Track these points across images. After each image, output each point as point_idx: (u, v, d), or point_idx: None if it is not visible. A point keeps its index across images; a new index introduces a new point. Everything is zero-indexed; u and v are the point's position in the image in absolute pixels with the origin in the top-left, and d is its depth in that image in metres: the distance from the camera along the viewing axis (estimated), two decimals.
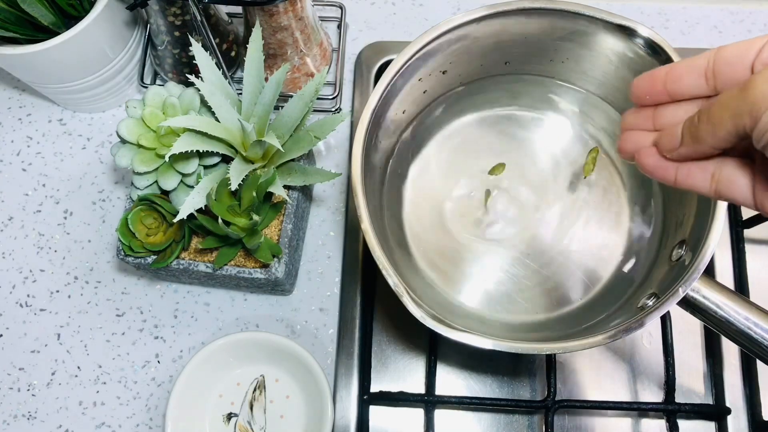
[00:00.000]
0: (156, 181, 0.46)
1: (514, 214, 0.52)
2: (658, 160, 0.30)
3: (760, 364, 0.50)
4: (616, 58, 0.47)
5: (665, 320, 0.50)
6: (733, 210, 0.55)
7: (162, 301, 0.54)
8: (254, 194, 0.45)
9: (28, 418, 0.51)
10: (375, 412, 0.50)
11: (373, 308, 0.52)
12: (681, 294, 0.39)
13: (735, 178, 0.28)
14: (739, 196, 0.28)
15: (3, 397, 0.51)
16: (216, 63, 0.48)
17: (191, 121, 0.43)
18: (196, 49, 0.45)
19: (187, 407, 0.48)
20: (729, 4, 0.63)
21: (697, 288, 0.39)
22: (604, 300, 0.49)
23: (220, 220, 0.42)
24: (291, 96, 0.47)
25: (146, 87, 0.59)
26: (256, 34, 0.46)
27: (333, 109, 0.58)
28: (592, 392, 0.50)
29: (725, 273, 0.53)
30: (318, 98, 0.49)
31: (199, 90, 0.45)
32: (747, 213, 0.54)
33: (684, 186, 0.30)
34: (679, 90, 0.29)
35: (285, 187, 0.48)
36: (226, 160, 0.47)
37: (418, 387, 0.50)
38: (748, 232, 0.54)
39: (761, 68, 0.26)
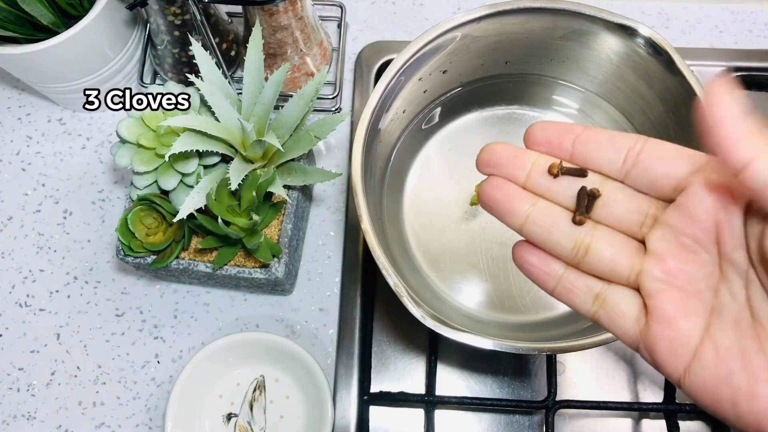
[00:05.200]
0: (156, 181, 0.45)
1: None
2: (541, 263, 0.27)
3: None
4: (616, 57, 0.47)
5: None
6: None
7: (162, 301, 0.54)
8: (254, 194, 0.45)
9: (28, 419, 0.51)
10: (375, 412, 0.50)
11: (373, 308, 0.52)
12: None
13: (622, 308, 0.25)
14: (621, 327, 0.25)
15: (2, 397, 0.51)
16: (216, 62, 0.47)
17: (191, 121, 0.43)
18: (196, 48, 0.45)
19: (187, 407, 0.47)
20: (730, 4, 0.63)
21: None
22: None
23: (219, 220, 0.42)
24: (291, 96, 0.47)
25: (146, 86, 0.58)
26: (256, 33, 0.46)
27: (333, 109, 0.58)
28: (593, 392, 0.50)
29: None
30: (318, 98, 0.49)
31: (199, 90, 0.45)
32: None
33: (560, 300, 0.27)
34: (588, 156, 0.26)
35: (285, 186, 0.48)
36: (226, 159, 0.47)
37: (418, 387, 0.50)
38: None
39: (701, 191, 0.23)
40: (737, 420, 0.22)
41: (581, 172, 0.26)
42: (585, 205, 0.26)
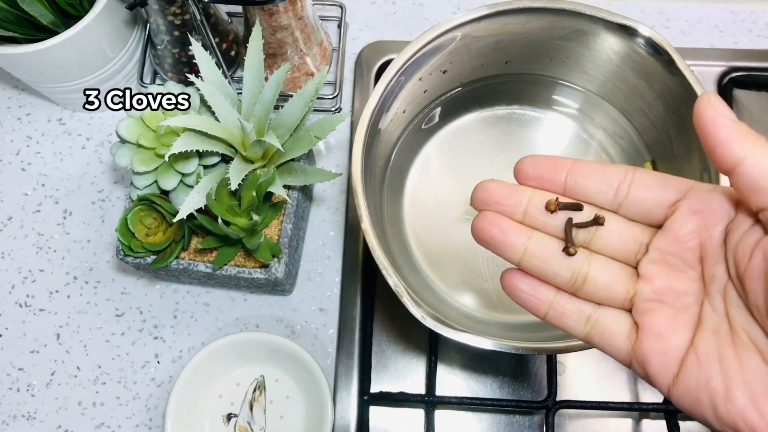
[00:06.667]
0: (156, 181, 0.45)
1: None
2: (532, 290, 0.28)
3: None
4: (616, 57, 0.47)
5: None
6: None
7: (162, 301, 0.54)
8: (254, 194, 0.45)
9: (28, 419, 0.51)
10: (375, 412, 0.50)
11: (373, 308, 0.52)
12: None
13: (613, 326, 0.26)
14: (613, 345, 0.26)
15: (2, 398, 0.51)
16: (216, 62, 0.47)
17: (191, 121, 0.43)
18: (196, 48, 0.45)
19: (186, 407, 0.47)
20: (730, 4, 0.63)
21: None
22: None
23: (219, 220, 0.42)
24: (291, 95, 0.47)
25: (146, 86, 0.58)
26: (256, 33, 0.46)
27: (333, 109, 0.58)
28: (593, 392, 0.50)
29: None
30: (318, 98, 0.49)
31: (199, 89, 0.45)
32: None
33: (554, 324, 0.28)
34: (582, 190, 0.27)
35: (285, 186, 0.48)
36: (226, 159, 0.47)
37: (418, 387, 0.50)
38: None
39: (686, 214, 0.25)
40: (717, 422, 0.24)
41: (577, 206, 0.27)
42: (571, 236, 0.27)
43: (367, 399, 0.49)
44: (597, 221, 0.26)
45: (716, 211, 0.25)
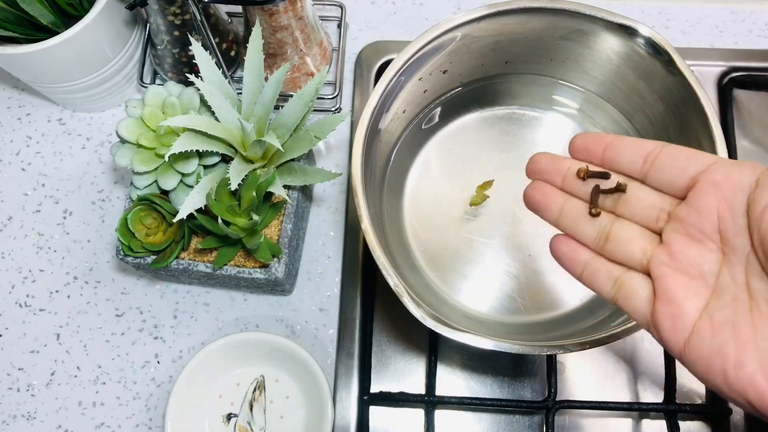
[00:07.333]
0: (156, 181, 0.45)
1: (514, 214, 0.52)
2: (571, 252, 0.31)
3: None
4: (616, 57, 0.47)
5: None
6: None
7: (162, 301, 0.54)
8: (254, 194, 0.45)
9: (28, 419, 0.51)
10: (375, 412, 0.50)
11: (373, 308, 0.52)
12: None
13: (637, 289, 0.28)
14: (635, 308, 0.29)
15: (2, 397, 0.51)
16: (216, 62, 0.47)
17: (191, 121, 0.43)
18: (196, 48, 0.45)
19: (186, 407, 0.47)
20: (730, 4, 0.63)
21: None
22: (605, 300, 0.49)
23: (219, 220, 0.42)
24: (291, 96, 0.47)
25: (146, 86, 0.58)
26: (256, 33, 0.46)
27: (333, 109, 0.58)
28: (593, 392, 0.50)
29: None
30: (318, 98, 0.49)
31: (199, 89, 0.45)
32: None
33: (586, 285, 0.31)
34: (615, 159, 0.30)
35: (285, 186, 0.48)
36: (226, 159, 0.47)
37: (418, 387, 0.50)
38: None
39: (707, 186, 0.26)
40: (727, 388, 0.25)
41: (604, 174, 0.30)
42: (596, 200, 0.30)
43: (367, 399, 0.49)
44: (619, 188, 0.30)
45: (737, 183, 0.26)
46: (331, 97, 0.58)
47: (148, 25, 0.57)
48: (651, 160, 0.29)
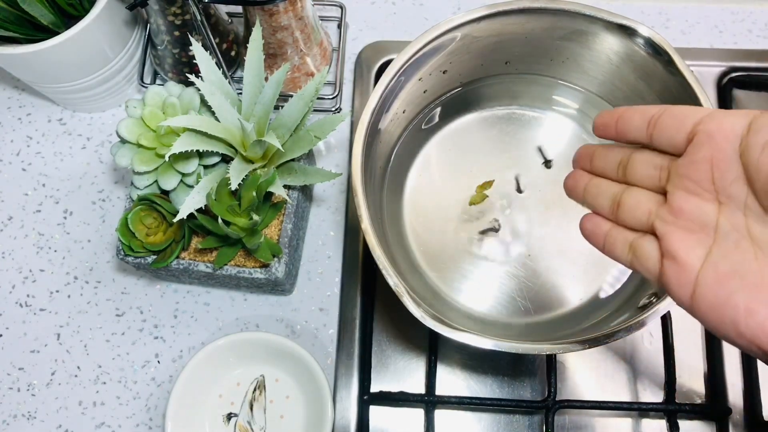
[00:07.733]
0: (156, 181, 0.45)
1: (514, 214, 0.52)
2: (594, 226, 0.33)
3: (760, 364, 0.50)
4: (616, 57, 0.47)
5: (666, 320, 0.50)
6: None
7: (162, 301, 0.54)
8: (254, 194, 0.45)
9: (28, 418, 0.51)
10: (375, 412, 0.50)
11: (373, 308, 0.52)
12: None
13: (648, 251, 0.29)
14: (647, 268, 0.29)
15: (3, 397, 0.51)
16: (216, 63, 0.47)
17: (191, 121, 0.43)
18: (196, 48, 0.45)
19: (187, 407, 0.48)
20: (729, 4, 0.63)
21: None
22: (604, 300, 0.49)
23: (220, 220, 0.42)
24: (291, 96, 0.47)
25: (146, 87, 0.58)
26: (256, 33, 0.46)
27: (333, 109, 0.58)
28: (593, 392, 0.50)
29: None
30: (318, 98, 0.49)
31: (199, 90, 0.45)
32: None
33: (609, 255, 0.32)
34: (625, 129, 0.31)
35: (285, 186, 0.48)
36: (226, 159, 0.47)
37: (418, 387, 0.50)
38: None
39: (702, 137, 0.27)
40: (739, 338, 0.25)
41: None
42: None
43: (367, 399, 0.49)
44: None
45: (729, 131, 0.26)
46: (331, 97, 0.58)
47: (148, 25, 0.57)
48: (654, 122, 0.29)
